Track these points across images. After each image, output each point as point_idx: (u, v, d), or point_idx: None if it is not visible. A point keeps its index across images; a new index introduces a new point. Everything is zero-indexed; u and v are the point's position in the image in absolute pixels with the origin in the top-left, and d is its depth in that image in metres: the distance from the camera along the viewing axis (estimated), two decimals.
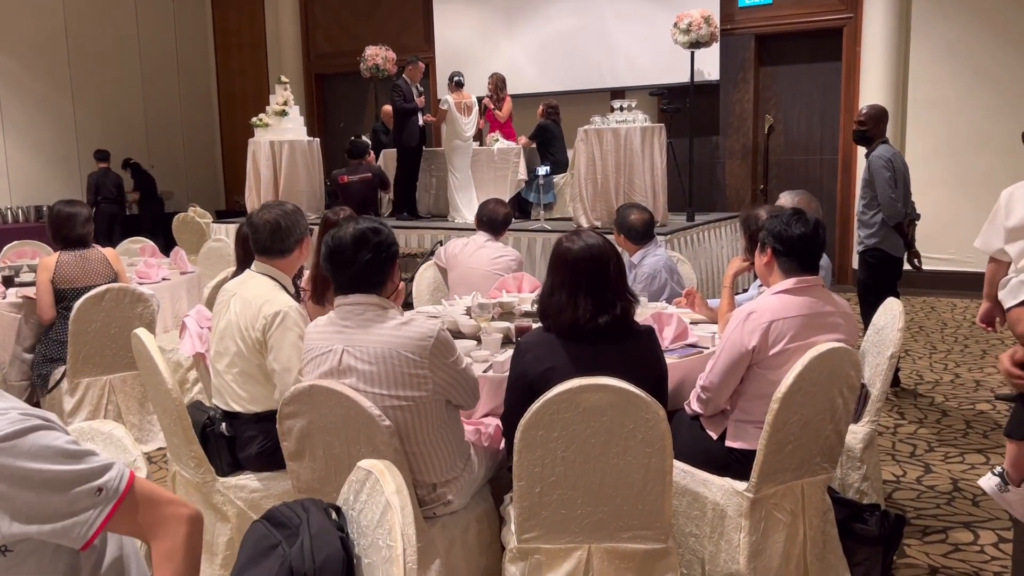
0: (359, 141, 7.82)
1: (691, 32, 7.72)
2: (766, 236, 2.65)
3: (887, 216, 4.80)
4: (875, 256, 4.92)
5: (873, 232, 4.89)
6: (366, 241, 2.31)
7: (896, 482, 3.76)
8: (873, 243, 4.91)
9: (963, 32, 8.09)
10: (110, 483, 1.31)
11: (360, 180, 7.40)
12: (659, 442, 2.15)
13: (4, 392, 1.33)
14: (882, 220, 4.84)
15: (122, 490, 1.32)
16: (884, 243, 4.88)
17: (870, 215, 4.90)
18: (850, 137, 8.52)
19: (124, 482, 1.33)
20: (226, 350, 2.77)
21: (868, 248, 4.95)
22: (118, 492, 1.32)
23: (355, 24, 11.68)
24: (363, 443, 2.25)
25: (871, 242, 4.92)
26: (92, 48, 11.39)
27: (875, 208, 4.87)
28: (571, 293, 2.39)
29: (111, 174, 10.52)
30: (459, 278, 4.54)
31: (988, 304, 2.99)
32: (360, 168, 7.46)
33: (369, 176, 7.35)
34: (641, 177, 7.26)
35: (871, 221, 4.90)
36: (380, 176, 7.35)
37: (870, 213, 4.91)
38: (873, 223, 4.89)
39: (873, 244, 4.91)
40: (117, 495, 1.32)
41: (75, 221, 4.36)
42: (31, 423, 1.26)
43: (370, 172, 7.41)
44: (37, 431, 1.26)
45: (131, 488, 1.34)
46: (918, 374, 5.48)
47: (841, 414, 2.52)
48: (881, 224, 4.85)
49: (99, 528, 1.30)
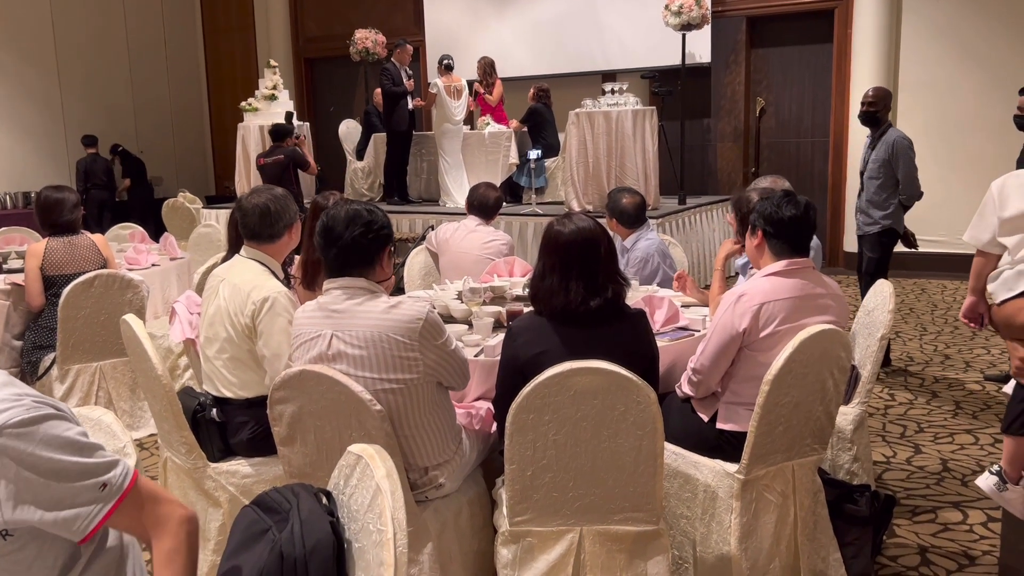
0: (280, 125, 7.91)
1: (682, 14, 7.68)
2: (756, 218, 2.64)
3: (912, 195, 4.86)
4: (890, 236, 4.97)
5: (888, 213, 4.92)
6: (359, 218, 2.30)
7: (886, 463, 3.78)
8: (888, 224, 4.93)
9: (954, 14, 8.08)
10: (114, 480, 1.33)
11: (273, 162, 7.56)
12: (650, 424, 2.15)
13: (15, 379, 1.34)
14: (898, 202, 4.87)
15: (125, 487, 1.34)
16: (896, 223, 4.96)
17: (885, 196, 4.91)
18: (841, 119, 8.57)
19: (128, 480, 1.35)
20: (216, 336, 2.76)
21: (885, 229, 4.95)
22: (121, 489, 1.34)
23: (344, 7, 11.58)
24: (354, 427, 2.25)
25: (887, 223, 4.93)
26: (78, 32, 11.28)
27: (890, 190, 4.89)
28: (562, 276, 2.38)
29: (100, 160, 10.45)
30: (450, 263, 4.53)
31: (973, 298, 2.93)
32: (276, 150, 7.58)
33: (281, 158, 7.47)
34: (633, 160, 7.25)
35: (887, 203, 4.91)
36: (293, 158, 7.45)
37: (884, 194, 4.91)
38: (889, 204, 4.90)
39: (888, 225, 4.93)
40: (120, 492, 1.33)
41: (63, 207, 4.33)
42: (45, 411, 1.27)
43: (283, 155, 7.51)
44: (51, 419, 1.27)
45: (134, 486, 1.36)
46: (908, 355, 5.50)
47: (832, 395, 2.53)
48: (897, 205, 4.89)
49: (99, 523, 1.31)
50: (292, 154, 7.54)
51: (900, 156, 4.85)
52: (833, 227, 8.85)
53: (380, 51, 9.63)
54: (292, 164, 7.55)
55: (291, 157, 7.53)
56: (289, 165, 7.53)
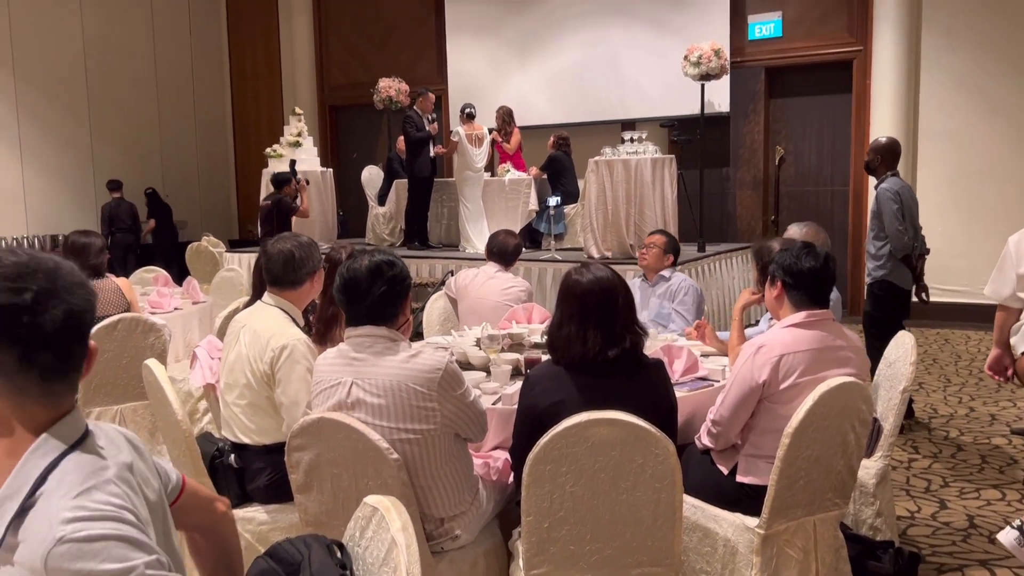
0: (279, 174, 8.36)
1: (701, 65, 7.77)
2: (776, 269, 2.64)
3: (894, 248, 4.79)
4: (882, 288, 4.91)
5: (881, 264, 4.88)
6: (381, 274, 2.32)
7: (910, 518, 3.71)
8: (881, 275, 4.89)
9: (972, 64, 8.11)
10: None
11: (262, 207, 8.20)
12: (669, 477, 2.13)
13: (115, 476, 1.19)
14: (889, 252, 4.83)
15: None
16: (892, 275, 4.86)
17: (878, 247, 4.90)
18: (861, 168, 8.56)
19: None
20: (236, 382, 2.78)
21: (876, 280, 4.93)
22: None
23: (369, 56, 11.82)
24: (371, 476, 2.25)
25: (879, 274, 4.91)
26: (110, 79, 11.57)
27: (883, 240, 4.86)
28: (580, 326, 2.38)
29: (124, 203, 10.64)
30: (469, 308, 4.55)
31: (998, 351, 2.93)
32: (269, 197, 8.18)
33: (268, 204, 8.04)
34: (652, 208, 7.27)
35: (879, 253, 4.89)
36: (278, 205, 7.97)
37: (878, 245, 4.90)
38: (881, 255, 4.88)
39: (881, 276, 4.89)
40: None
41: (90, 251, 4.40)
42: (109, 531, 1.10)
43: (270, 200, 8.07)
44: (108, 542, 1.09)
45: None
46: (932, 407, 5.42)
47: (853, 449, 2.49)
48: (888, 256, 4.84)
49: None
50: (278, 201, 8.02)
51: (883, 207, 4.84)
52: (853, 277, 8.80)
53: (403, 99, 9.80)
54: (276, 210, 7.99)
55: (276, 203, 8.01)
56: (273, 211, 7.99)
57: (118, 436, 1.31)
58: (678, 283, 4.51)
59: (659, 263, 4.58)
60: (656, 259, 4.58)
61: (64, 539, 1.06)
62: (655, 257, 4.58)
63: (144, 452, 1.36)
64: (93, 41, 11.35)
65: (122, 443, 1.29)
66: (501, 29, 10.52)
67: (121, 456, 1.25)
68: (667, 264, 4.59)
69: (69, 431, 1.19)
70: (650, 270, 4.62)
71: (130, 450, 1.30)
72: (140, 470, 1.30)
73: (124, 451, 1.27)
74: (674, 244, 4.66)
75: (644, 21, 9.57)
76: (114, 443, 1.27)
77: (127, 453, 1.27)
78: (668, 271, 4.58)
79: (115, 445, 1.27)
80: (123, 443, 1.29)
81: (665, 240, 4.63)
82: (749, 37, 9.16)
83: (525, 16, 10.32)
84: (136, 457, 1.31)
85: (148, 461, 1.35)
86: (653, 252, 4.59)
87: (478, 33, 10.74)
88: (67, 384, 1.21)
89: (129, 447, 1.30)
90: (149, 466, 1.35)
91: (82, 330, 1.21)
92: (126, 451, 1.28)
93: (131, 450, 1.30)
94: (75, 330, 1.19)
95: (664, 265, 4.58)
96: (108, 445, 1.25)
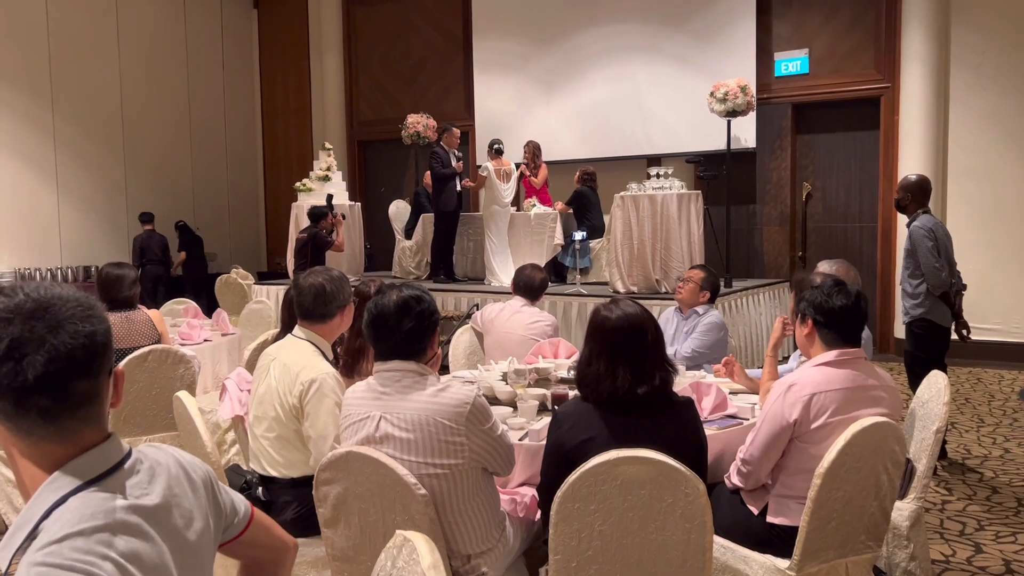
0: (316, 207, 8.48)
1: (727, 101, 7.80)
2: (807, 307, 2.62)
3: (932, 285, 4.74)
4: (922, 327, 4.84)
5: (919, 303, 4.82)
6: (409, 310, 2.33)
7: (945, 562, 3.62)
8: (920, 313, 4.83)
9: (1001, 102, 8.07)
10: None
11: (298, 239, 8.41)
12: (699, 517, 2.11)
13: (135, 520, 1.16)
14: (927, 290, 4.77)
15: None
16: (931, 313, 4.80)
17: (915, 285, 4.84)
18: (890, 205, 8.53)
19: None
20: (265, 414, 2.79)
21: (915, 319, 4.87)
22: None
23: (397, 92, 12.00)
24: (399, 511, 2.24)
25: (917, 312, 4.84)
26: (145, 115, 11.84)
27: (919, 278, 4.81)
28: (609, 363, 2.38)
29: (156, 236, 10.82)
30: (495, 343, 4.56)
31: None
32: (306, 230, 8.32)
33: (304, 236, 8.21)
34: (678, 243, 7.27)
35: (916, 292, 4.83)
36: (313, 239, 8.13)
37: (915, 283, 4.84)
38: (918, 293, 4.82)
39: (920, 315, 4.83)
40: None
41: (123, 283, 4.47)
42: None
43: (306, 234, 8.22)
44: None
45: None
46: (965, 448, 5.32)
47: (886, 490, 2.45)
48: (926, 294, 4.78)
49: None
50: (314, 235, 8.15)
51: (917, 245, 4.79)
52: (883, 315, 8.71)
53: (430, 135, 9.92)
54: (312, 243, 8.12)
55: (312, 237, 8.13)
56: (309, 244, 8.13)
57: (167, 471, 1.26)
58: (707, 319, 4.48)
59: (694, 299, 4.54)
60: (691, 294, 4.54)
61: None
62: (690, 292, 4.54)
63: (199, 487, 1.32)
64: (129, 75, 11.64)
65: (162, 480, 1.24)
66: (528, 66, 10.65)
67: (146, 499, 1.19)
68: (702, 300, 4.54)
69: (91, 465, 1.16)
70: (685, 304, 4.59)
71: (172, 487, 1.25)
72: (181, 507, 1.25)
73: (157, 491, 1.22)
74: (712, 281, 4.60)
75: (670, 58, 9.64)
76: (153, 480, 1.23)
77: (158, 494, 1.22)
78: (703, 307, 4.53)
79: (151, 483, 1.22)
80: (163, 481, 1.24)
81: (703, 276, 4.59)
82: (776, 74, 9.19)
83: (551, 53, 10.44)
84: (184, 491, 1.27)
85: (202, 497, 1.31)
86: (689, 287, 4.55)
87: (505, 70, 10.88)
88: (79, 419, 1.16)
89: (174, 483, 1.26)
90: (201, 503, 1.30)
91: (78, 367, 1.14)
92: (159, 491, 1.22)
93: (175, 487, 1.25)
94: (67, 370, 1.13)
95: (700, 301, 4.54)
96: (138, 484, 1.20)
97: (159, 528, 1.20)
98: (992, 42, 8.08)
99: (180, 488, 1.27)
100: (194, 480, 1.31)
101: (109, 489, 1.16)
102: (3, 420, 1.14)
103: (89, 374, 1.16)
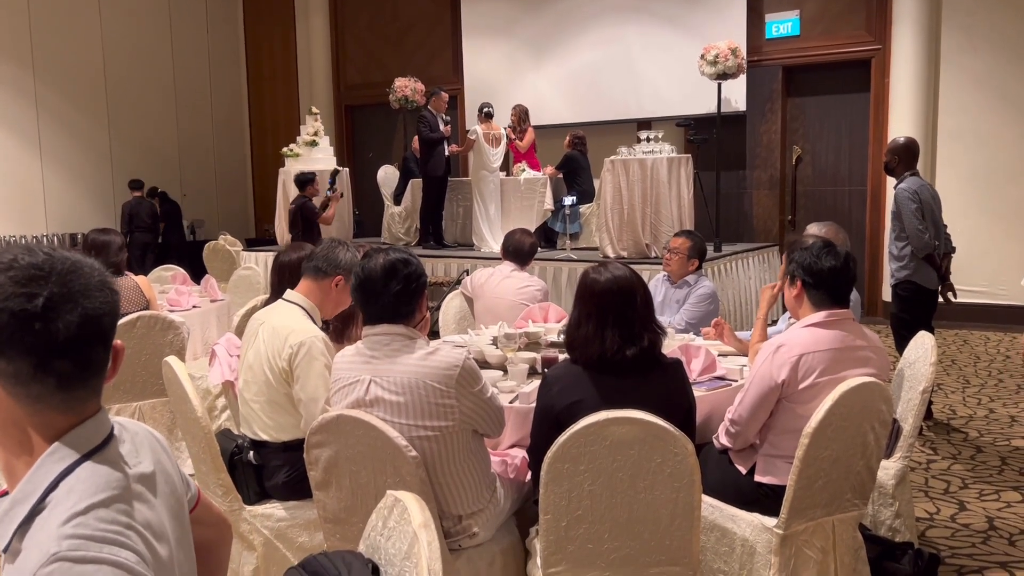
0: (300, 174, 8.41)
1: (718, 64, 7.74)
2: (795, 268, 2.63)
3: (915, 248, 4.75)
4: (907, 289, 4.86)
5: (904, 264, 4.84)
6: (396, 272, 2.32)
7: (929, 519, 3.68)
8: (904, 275, 4.85)
9: (992, 63, 8.04)
10: None
11: (289, 211, 8.41)
12: (687, 476, 2.13)
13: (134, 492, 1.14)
14: (912, 252, 4.78)
15: None
16: (916, 275, 4.82)
17: (900, 247, 4.86)
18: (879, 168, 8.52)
19: None
20: (254, 379, 2.79)
21: (900, 281, 4.89)
22: None
23: (385, 56, 11.85)
24: (389, 473, 2.25)
25: (902, 275, 4.86)
26: (129, 79, 11.67)
27: (904, 240, 4.82)
28: (598, 325, 2.38)
29: (145, 203, 10.72)
30: (485, 308, 4.56)
31: None
32: (296, 200, 8.27)
33: (293, 207, 8.22)
34: (668, 208, 7.26)
35: (901, 254, 4.85)
36: (301, 209, 8.11)
37: (900, 245, 4.86)
38: (903, 255, 4.84)
39: (904, 276, 4.85)
40: None
41: (109, 249, 4.43)
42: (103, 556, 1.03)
43: (295, 205, 8.19)
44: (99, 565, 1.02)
45: None
46: (951, 408, 5.38)
47: (872, 450, 2.48)
48: (911, 256, 4.79)
49: None
50: (301, 205, 8.13)
51: (901, 207, 4.79)
52: (871, 277, 8.75)
53: (419, 99, 9.82)
54: (300, 214, 8.08)
55: (300, 208, 8.12)
56: (298, 214, 8.10)
57: (146, 439, 1.26)
58: (699, 290, 4.36)
59: (683, 269, 4.40)
60: (680, 266, 4.40)
61: (58, 556, 1.00)
62: (679, 264, 4.40)
63: (171, 454, 1.32)
64: (112, 41, 11.46)
65: (146, 448, 1.24)
66: (517, 28, 10.52)
67: (142, 466, 1.19)
68: (691, 269, 4.40)
69: (89, 436, 1.13)
70: (675, 275, 4.46)
71: (155, 454, 1.25)
72: (165, 472, 1.25)
73: (147, 458, 1.22)
74: (698, 246, 4.45)
75: (660, 20, 9.55)
76: (139, 449, 1.22)
77: (149, 461, 1.22)
78: (694, 276, 4.40)
79: (139, 451, 1.21)
80: (147, 449, 1.24)
81: (689, 244, 4.42)
82: (766, 36, 9.11)
83: (541, 15, 10.32)
84: (164, 458, 1.27)
85: (175, 463, 1.31)
86: (676, 259, 4.40)
87: (494, 32, 10.75)
88: (89, 389, 1.13)
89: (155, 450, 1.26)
90: (176, 471, 1.30)
91: (103, 335, 1.12)
92: (148, 458, 1.22)
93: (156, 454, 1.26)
94: (94, 336, 1.10)
95: (689, 270, 4.40)
96: (131, 452, 1.19)
97: (157, 495, 1.20)
98: (982, 3, 8.03)
99: (160, 455, 1.27)
100: (166, 448, 1.31)
101: (111, 458, 1.14)
102: (11, 385, 1.08)
103: (107, 343, 1.14)
